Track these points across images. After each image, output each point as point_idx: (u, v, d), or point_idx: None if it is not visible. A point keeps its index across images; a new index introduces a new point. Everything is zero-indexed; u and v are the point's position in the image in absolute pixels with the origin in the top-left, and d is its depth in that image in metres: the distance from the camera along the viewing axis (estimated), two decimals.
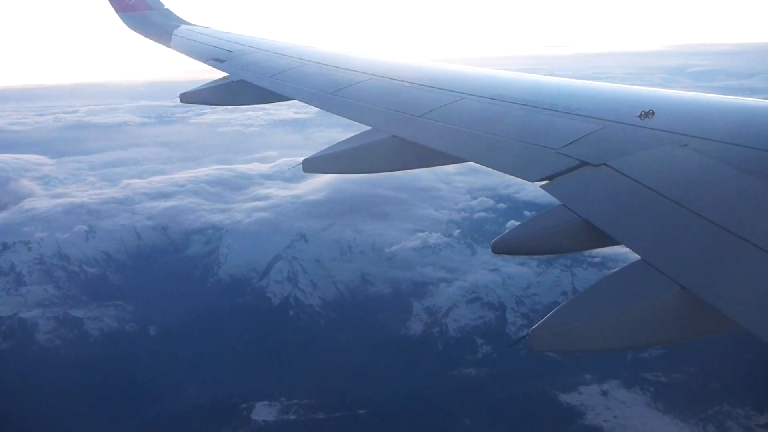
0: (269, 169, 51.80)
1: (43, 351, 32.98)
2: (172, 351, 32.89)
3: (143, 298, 37.43)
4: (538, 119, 5.40)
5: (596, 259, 35.98)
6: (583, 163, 4.38)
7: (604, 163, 4.28)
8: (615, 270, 3.49)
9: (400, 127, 5.99)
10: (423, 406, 27.87)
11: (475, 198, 46.52)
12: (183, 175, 49.26)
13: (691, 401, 27.35)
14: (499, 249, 4.30)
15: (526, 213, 43.29)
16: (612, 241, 3.73)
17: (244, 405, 28.51)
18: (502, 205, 45.30)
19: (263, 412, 27.96)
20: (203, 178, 48.08)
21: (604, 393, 28.31)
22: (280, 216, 42.64)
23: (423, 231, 42.08)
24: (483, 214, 44.39)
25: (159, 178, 49.18)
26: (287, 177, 49.02)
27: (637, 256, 3.41)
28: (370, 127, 6.17)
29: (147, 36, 11.48)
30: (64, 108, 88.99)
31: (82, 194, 47.19)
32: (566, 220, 4.02)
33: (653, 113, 4.75)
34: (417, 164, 6.06)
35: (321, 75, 7.97)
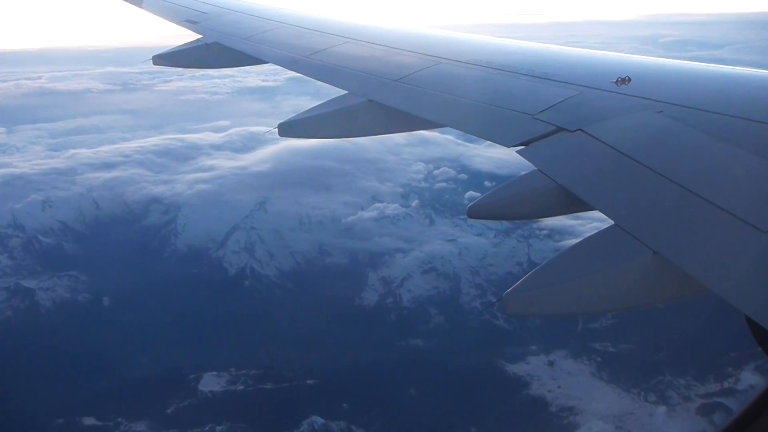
0: (220, 139, 50.98)
1: None
2: (126, 321, 32.66)
3: (98, 269, 36.96)
4: (514, 84, 5.39)
5: (546, 231, 36.33)
6: (559, 129, 4.40)
7: (580, 129, 4.31)
8: (588, 235, 3.50)
9: (376, 91, 5.94)
10: (371, 377, 28.00)
11: (438, 168, 46.30)
12: (131, 145, 48.40)
13: (636, 371, 27.76)
14: (474, 214, 4.35)
15: (487, 184, 43.42)
16: (586, 207, 3.77)
17: (192, 376, 28.45)
18: (464, 176, 45.18)
19: (210, 383, 27.94)
20: (151, 148, 47.20)
21: (551, 363, 28.63)
22: (221, 188, 42.06)
23: (381, 202, 41.87)
24: (443, 184, 44.23)
25: (106, 147, 48.21)
26: (236, 147, 48.39)
27: (611, 222, 3.43)
28: (344, 92, 6.11)
29: None
30: (27, 74, 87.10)
31: (25, 164, 46.18)
32: (541, 185, 4.02)
33: (629, 79, 4.77)
34: (393, 129, 6.08)
35: (297, 38, 7.88)
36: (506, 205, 4.28)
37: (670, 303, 3.54)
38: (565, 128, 4.36)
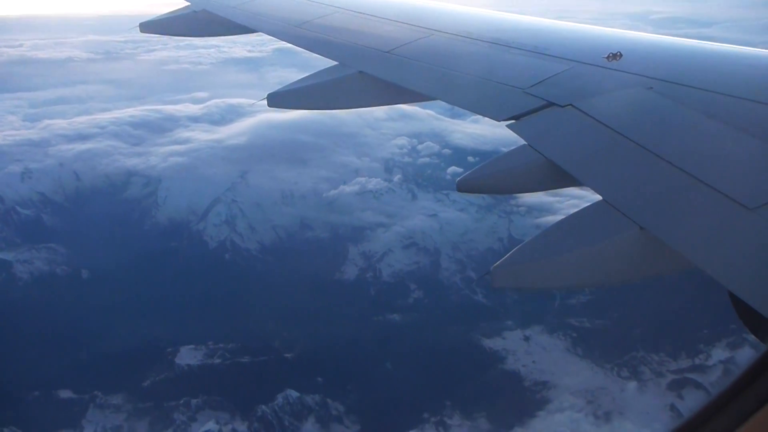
0: (198, 111, 50.26)
1: None
2: (104, 295, 32.48)
3: (78, 241, 36.72)
4: (506, 58, 5.39)
5: (524, 208, 36.45)
6: (550, 104, 4.40)
7: (570, 104, 4.31)
8: (568, 212, 3.57)
9: (366, 63, 5.90)
10: (347, 351, 28.13)
11: (422, 143, 46.08)
12: (106, 116, 47.68)
13: (610, 347, 28.01)
14: (463, 187, 4.41)
15: (470, 159, 43.33)
16: (575, 182, 3.77)
17: (169, 349, 28.47)
18: (447, 151, 44.98)
19: (187, 356, 27.98)
20: (127, 119, 46.52)
21: (527, 338, 28.85)
22: (195, 161, 41.66)
23: (363, 176, 41.70)
24: (426, 159, 44.07)
25: (82, 118, 47.44)
26: (215, 119, 47.76)
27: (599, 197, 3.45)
28: (334, 63, 6.06)
29: None
30: (8, 42, 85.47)
31: None
32: (531, 159, 4.03)
33: (621, 55, 4.76)
34: (383, 101, 6.04)
35: (287, 7, 7.78)
36: (495, 179, 4.32)
37: (651, 279, 3.58)
38: (556, 103, 4.38)
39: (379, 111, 45.74)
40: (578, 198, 34.60)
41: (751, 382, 1.67)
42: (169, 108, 50.30)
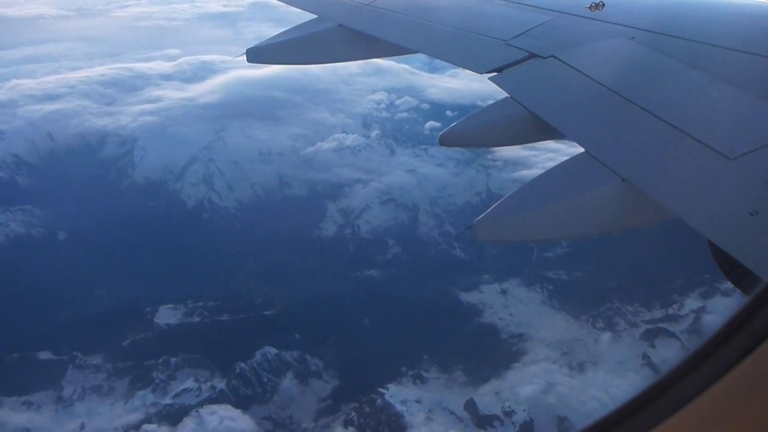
0: (170, 69, 49.32)
1: None
2: (82, 256, 32.36)
3: (54, 202, 36.27)
4: (488, 10, 5.32)
5: (500, 163, 36.46)
6: (532, 55, 4.35)
7: (552, 56, 4.26)
8: (559, 162, 3.51)
9: (346, 16, 5.80)
10: (326, 308, 28.28)
11: (399, 98, 45.59)
12: (76, 75, 46.64)
13: (586, 299, 28.36)
14: (445, 141, 4.34)
15: (449, 113, 43.01)
16: (557, 134, 3.76)
17: (148, 309, 28.48)
18: (426, 106, 44.54)
19: (166, 315, 28.03)
20: (97, 78, 45.49)
21: (504, 291, 29.13)
22: (167, 120, 41.00)
23: (341, 133, 41.33)
24: (404, 114, 43.66)
25: (51, 78, 46.39)
26: (187, 77, 46.84)
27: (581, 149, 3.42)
28: (314, 16, 5.98)
29: None
30: None
31: None
32: (513, 112, 4.00)
33: (603, 5, 4.72)
34: (363, 55, 5.98)
35: None
36: (477, 132, 4.28)
37: (631, 230, 3.58)
38: (538, 54, 4.32)
39: (354, 66, 45.15)
40: (555, 151, 34.62)
41: (731, 335, 1.65)
42: (141, 66, 49.30)
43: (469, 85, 42.07)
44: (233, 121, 41.57)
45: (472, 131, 4.32)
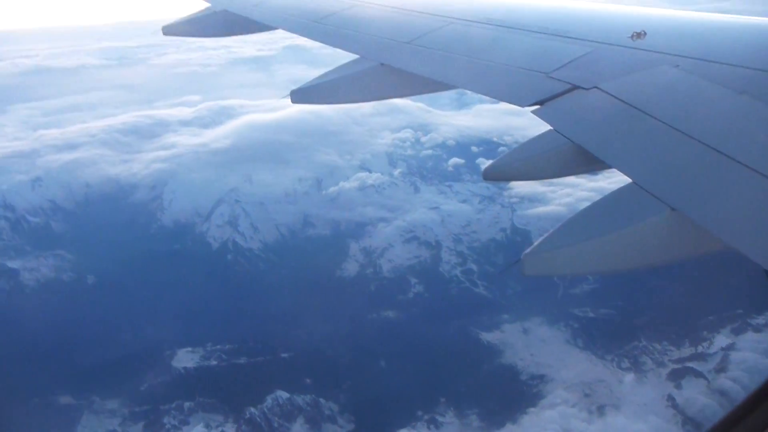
0: (190, 114, 50.37)
1: None
2: (109, 299, 32.78)
3: (85, 247, 37.11)
4: (528, 43, 5.34)
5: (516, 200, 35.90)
6: (575, 87, 4.34)
7: (596, 86, 4.25)
8: (607, 194, 3.49)
9: (387, 54, 5.91)
10: (343, 349, 27.91)
11: (426, 135, 45.61)
12: (99, 124, 47.99)
13: (612, 337, 27.36)
14: (490, 176, 4.37)
15: (474, 149, 42.79)
16: (603, 165, 3.73)
17: (168, 352, 28.55)
18: (451, 141, 44.45)
19: (185, 358, 28.04)
20: (118, 126, 46.74)
21: (526, 331, 28.29)
22: (178, 167, 41.69)
23: (364, 172, 41.39)
24: (429, 151, 43.58)
25: (75, 127, 47.88)
26: (205, 123, 47.72)
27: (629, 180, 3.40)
28: (353, 57, 6.10)
29: None
30: (24, 52, 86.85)
31: None
32: (557, 144, 4.01)
33: (645, 33, 4.72)
34: (406, 92, 6.06)
35: (306, 2, 7.84)
36: (522, 165, 4.29)
37: (680, 262, 3.48)
38: (581, 86, 4.33)
39: (367, 106, 45.33)
40: (573, 186, 34.01)
41: None
42: (162, 113, 50.53)
43: (482, 122, 42.05)
44: (263, 162, 42.17)
45: (516, 164, 4.32)
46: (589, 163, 3.90)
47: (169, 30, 8.60)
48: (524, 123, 38.13)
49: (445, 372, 26.16)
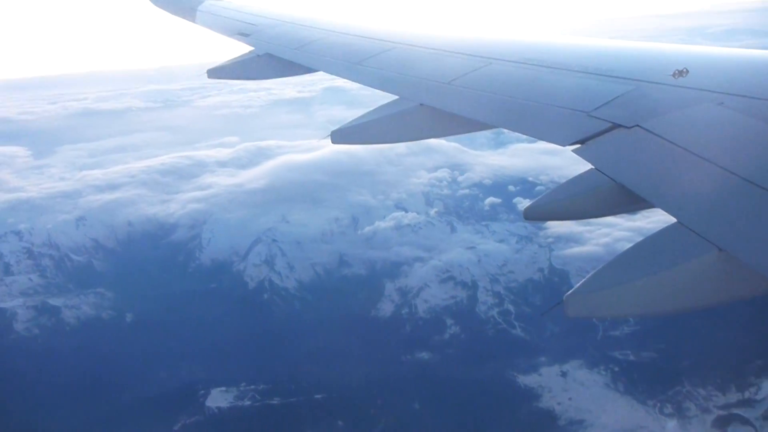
0: (228, 155, 51.31)
1: (21, 340, 33.51)
2: (146, 338, 33.11)
3: (125, 285, 37.74)
4: (568, 82, 5.32)
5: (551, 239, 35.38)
6: (616, 126, 4.30)
7: (637, 125, 4.20)
8: (649, 234, 3.42)
9: (427, 95, 6.00)
10: (377, 390, 27.52)
11: (462, 174, 45.55)
12: (139, 165, 49.20)
13: (654, 381, 26.46)
14: (531, 215, 4.35)
15: (511, 188, 42.49)
16: (646, 204, 3.70)
17: (202, 391, 28.56)
18: (488, 181, 44.27)
19: (218, 398, 27.97)
20: (157, 167, 47.85)
21: (564, 374, 27.55)
22: (213, 207, 42.24)
23: (401, 210, 41.41)
24: (466, 191, 43.42)
25: (116, 168, 49.17)
26: (242, 163, 48.46)
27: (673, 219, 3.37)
28: (391, 98, 6.20)
29: (172, 12, 11.33)
30: (74, 95, 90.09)
31: (34, 188, 47.46)
32: (599, 183, 3.99)
33: (687, 71, 4.65)
34: (445, 132, 6.10)
35: (346, 45, 7.98)
36: (564, 205, 4.25)
37: (727, 304, 3.32)
38: (622, 125, 4.27)
39: (401, 146, 45.57)
40: (610, 226, 33.38)
41: None
42: (201, 153, 51.61)
43: (520, 162, 41.79)
44: (282, 204, 42.53)
45: (558, 204, 4.26)
46: (632, 202, 3.85)
47: (214, 73, 8.78)
48: (561, 162, 37.93)
49: (481, 415, 25.57)
